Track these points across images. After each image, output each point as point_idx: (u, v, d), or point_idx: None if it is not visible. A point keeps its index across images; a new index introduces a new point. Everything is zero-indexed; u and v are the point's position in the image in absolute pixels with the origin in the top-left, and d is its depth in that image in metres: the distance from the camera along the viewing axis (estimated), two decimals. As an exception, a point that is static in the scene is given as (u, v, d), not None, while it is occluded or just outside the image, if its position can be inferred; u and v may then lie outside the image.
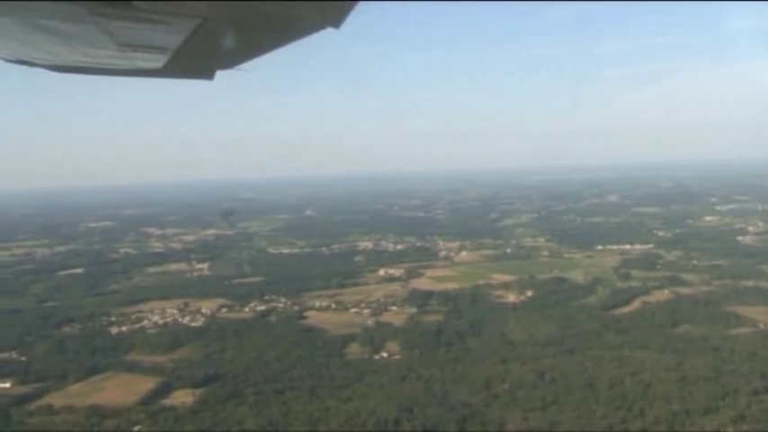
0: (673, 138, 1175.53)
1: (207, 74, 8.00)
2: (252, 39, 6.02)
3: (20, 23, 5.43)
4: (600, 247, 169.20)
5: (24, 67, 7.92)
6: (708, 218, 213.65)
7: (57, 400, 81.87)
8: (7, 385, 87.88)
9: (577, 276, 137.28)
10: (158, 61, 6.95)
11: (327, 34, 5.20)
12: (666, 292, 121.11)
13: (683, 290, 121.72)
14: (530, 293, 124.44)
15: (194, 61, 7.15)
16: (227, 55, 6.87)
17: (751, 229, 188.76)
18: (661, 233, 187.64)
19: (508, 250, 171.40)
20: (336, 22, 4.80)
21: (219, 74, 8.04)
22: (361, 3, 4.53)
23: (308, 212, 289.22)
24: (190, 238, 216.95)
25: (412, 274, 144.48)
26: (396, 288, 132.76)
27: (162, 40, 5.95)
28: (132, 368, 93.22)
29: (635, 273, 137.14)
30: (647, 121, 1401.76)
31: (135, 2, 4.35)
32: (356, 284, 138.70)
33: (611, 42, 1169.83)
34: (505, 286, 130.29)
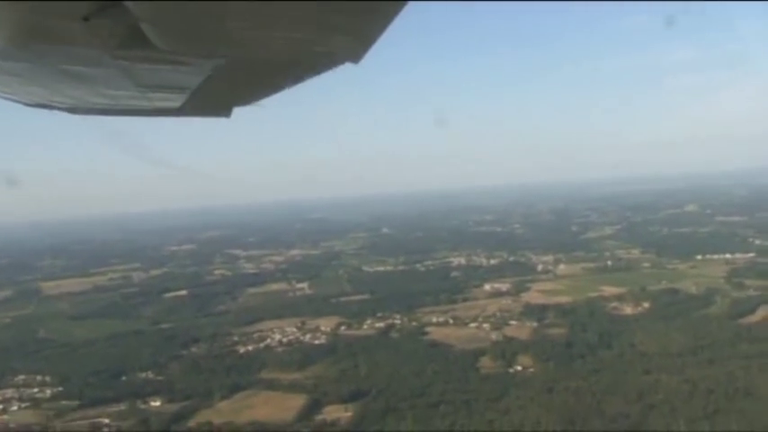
0: (741, 146, 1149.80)
1: (224, 111, 7.99)
2: (271, 76, 5.98)
3: (43, 69, 5.48)
4: (700, 257, 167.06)
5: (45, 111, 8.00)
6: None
7: (211, 417, 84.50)
8: (157, 403, 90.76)
9: (689, 287, 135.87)
10: (176, 101, 6.99)
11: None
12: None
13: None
14: (646, 305, 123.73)
15: (212, 99, 7.15)
16: (245, 92, 6.90)
17: None
18: (758, 242, 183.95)
19: (609, 263, 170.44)
20: (356, 58, 4.76)
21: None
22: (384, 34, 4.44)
23: (385, 230, 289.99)
24: (278, 258, 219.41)
25: (519, 289, 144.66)
26: (507, 302, 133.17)
27: (182, 81, 5.99)
28: (272, 386, 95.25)
29: (748, 282, 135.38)
30: (713, 130, 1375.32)
31: (157, 45, 4.32)
32: (466, 300, 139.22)
33: (675, 51, 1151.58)
34: (619, 298, 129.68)
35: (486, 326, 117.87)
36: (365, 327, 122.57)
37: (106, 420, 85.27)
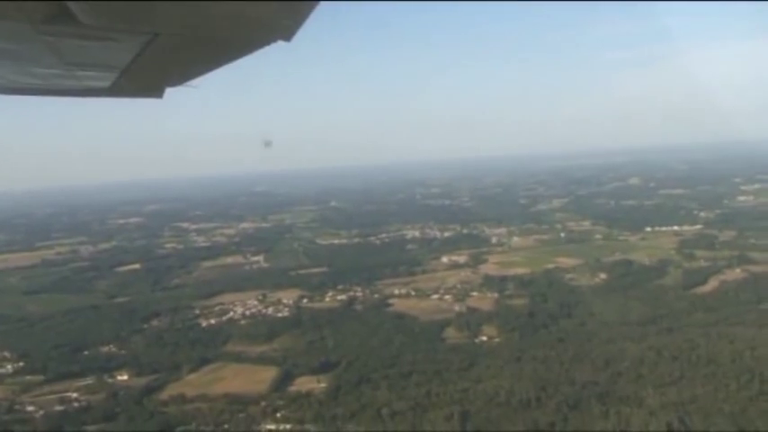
0: (679, 120, 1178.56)
1: (156, 92, 7.78)
2: (203, 55, 5.83)
3: None
4: (649, 230, 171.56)
5: None
6: (741, 198, 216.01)
7: (182, 389, 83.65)
8: (125, 377, 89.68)
9: (642, 258, 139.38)
10: (106, 80, 6.78)
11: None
12: (738, 270, 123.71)
13: (755, 268, 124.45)
14: (603, 276, 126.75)
15: (143, 79, 6.91)
16: (176, 72, 6.72)
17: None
18: (702, 214, 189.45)
19: (562, 234, 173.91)
20: (287, 36, 4.73)
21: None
22: (313, 16, 4.47)
23: (333, 204, 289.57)
24: (230, 231, 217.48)
25: (477, 261, 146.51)
26: (467, 274, 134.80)
27: (111, 59, 5.78)
28: (240, 358, 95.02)
29: (698, 253, 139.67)
30: (652, 105, 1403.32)
31: (83, 20, 4.13)
32: (424, 272, 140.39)
33: (611, 25, 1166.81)
34: (575, 269, 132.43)
35: (448, 297, 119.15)
36: (327, 299, 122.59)
37: (74, 395, 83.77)
